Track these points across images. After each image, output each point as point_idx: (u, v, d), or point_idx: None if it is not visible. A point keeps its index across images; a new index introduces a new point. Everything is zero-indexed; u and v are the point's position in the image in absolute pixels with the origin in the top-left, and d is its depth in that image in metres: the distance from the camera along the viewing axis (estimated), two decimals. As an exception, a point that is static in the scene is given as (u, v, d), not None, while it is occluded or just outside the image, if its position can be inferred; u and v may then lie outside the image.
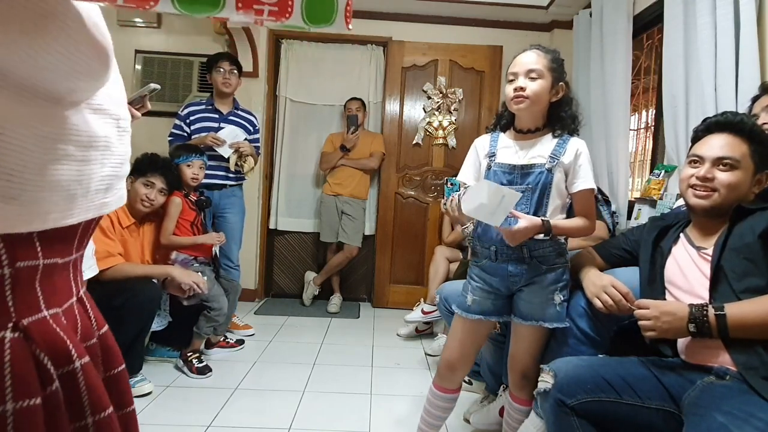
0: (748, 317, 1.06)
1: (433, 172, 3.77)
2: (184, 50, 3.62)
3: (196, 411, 1.99)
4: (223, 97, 2.93)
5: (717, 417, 0.98)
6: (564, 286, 1.40)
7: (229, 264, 2.99)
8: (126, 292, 2.03)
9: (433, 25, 3.68)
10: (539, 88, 1.36)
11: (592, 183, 1.38)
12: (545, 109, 1.42)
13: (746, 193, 1.20)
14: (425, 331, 3.12)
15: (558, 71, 1.40)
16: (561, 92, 1.40)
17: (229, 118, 2.92)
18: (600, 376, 1.18)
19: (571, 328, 1.45)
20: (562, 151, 1.38)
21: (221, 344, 2.69)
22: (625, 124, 2.66)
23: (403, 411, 2.10)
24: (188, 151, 2.51)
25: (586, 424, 1.16)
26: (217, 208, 2.94)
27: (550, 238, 1.35)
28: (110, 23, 3.79)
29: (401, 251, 3.78)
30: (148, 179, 2.23)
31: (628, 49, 2.65)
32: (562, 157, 1.37)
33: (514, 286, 1.41)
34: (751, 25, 1.76)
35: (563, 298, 1.40)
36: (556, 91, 1.40)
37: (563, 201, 1.41)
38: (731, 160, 1.19)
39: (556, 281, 1.38)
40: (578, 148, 1.39)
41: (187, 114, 2.90)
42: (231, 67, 2.88)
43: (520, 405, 1.51)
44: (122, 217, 2.20)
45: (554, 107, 1.42)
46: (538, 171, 1.37)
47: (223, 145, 2.80)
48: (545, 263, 1.38)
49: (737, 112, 1.33)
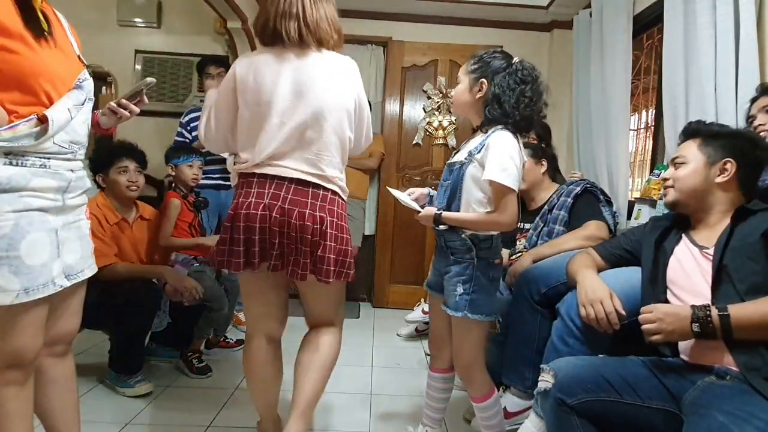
0: (752, 318, 1.06)
1: (433, 172, 3.77)
2: (184, 50, 3.62)
3: (196, 411, 1.99)
4: None
5: (718, 417, 0.98)
6: (466, 280, 1.43)
7: None
8: (126, 292, 2.03)
9: (433, 25, 3.68)
10: (456, 92, 1.51)
11: (496, 175, 1.34)
12: (477, 108, 1.47)
13: (706, 181, 1.28)
14: (425, 331, 3.11)
15: (478, 71, 1.45)
16: (483, 89, 1.43)
17: None
18: (600, 375, 1.18)
19: (570, 328, 1.46)
20: (480, 147, 1.41)
21: (221, 344, 2.69)
22: (625, 124, 2.66)
23: (403, 411, 2.10)
24: (188, 152, 2.52)
25: (586, 423, 1.16)
26: (223, 208, 2.99)
27: (447, 229, 1.43)
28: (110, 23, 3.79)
29: (401, 251, 3.78)
30: (119, 167, 2.17)
31: (628, 49, 2.65)
32: (477, 153, 1.41)
33: (442, 269, 1.51)
34: (751, 25, 1.76)
35: (463, 291, 1.43)
36: (478, 89, 1.44)
37: (485, 194, 1.41)
38: (680, 158, 1.33)
39: (459, 274, 1.44)
40: (491, 140, 1.39)
41: (187, 121, 2.98)
42: (218, 70, 2.87)
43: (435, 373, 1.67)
44: (108, 215, 2.16)
45: (483, 105, 1.44)
46: (456, 167, 1.46)
47: None
48: (454, 255, 1.46)
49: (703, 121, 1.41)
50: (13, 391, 1.16)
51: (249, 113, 1.46)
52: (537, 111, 1.42)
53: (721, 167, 1.27)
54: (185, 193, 2.49)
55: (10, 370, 1.15)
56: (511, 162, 1.35)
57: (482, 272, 1.44)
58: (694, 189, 1.29)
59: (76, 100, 1.19)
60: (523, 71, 1.41)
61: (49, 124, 1.11)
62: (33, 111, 1.10)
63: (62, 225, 1.19)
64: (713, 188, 1.28)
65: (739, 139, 1.30)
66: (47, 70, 1.13)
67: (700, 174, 1.29)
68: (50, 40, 1.15)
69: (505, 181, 1.34)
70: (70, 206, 1.22)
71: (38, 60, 1.10)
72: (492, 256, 1.46)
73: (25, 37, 1.08)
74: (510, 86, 1.39)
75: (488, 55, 1.46)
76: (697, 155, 1.30)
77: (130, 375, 2.10)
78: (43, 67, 1.11)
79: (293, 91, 1.43)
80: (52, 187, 1.15)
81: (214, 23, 3.56)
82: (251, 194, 1.44)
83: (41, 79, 1.11)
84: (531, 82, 1.40)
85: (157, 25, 3.63)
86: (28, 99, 1.10)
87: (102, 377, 2.18)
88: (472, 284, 1.43)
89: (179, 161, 2.47)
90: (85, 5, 3.55)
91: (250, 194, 1.45)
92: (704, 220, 1.31)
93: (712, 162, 1.28)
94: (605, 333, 1.37)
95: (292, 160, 1.44)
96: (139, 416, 1.93)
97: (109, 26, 3.62)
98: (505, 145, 1.38)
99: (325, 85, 1.45)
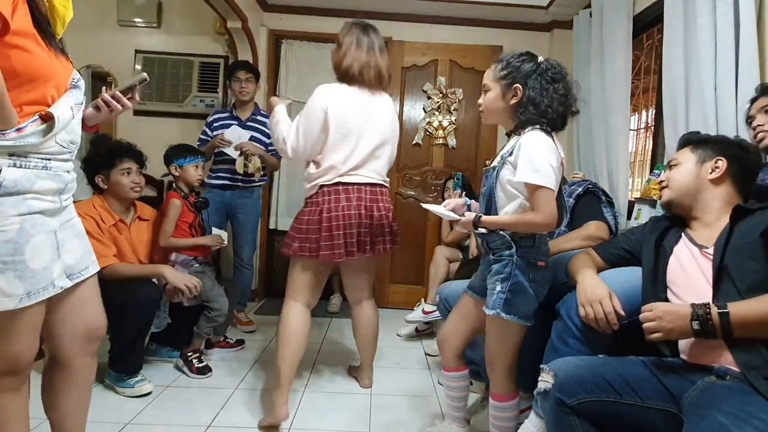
0: (752, 316, 1.06)
1: (433, 172, 3.77)
2: (184, 50, 3.62)
3: (196, 411, 1.99)
4: (242, 104, 3.06)
5: (717, 417, 0.98)
6: (505, 278, 1.42)
7: (240, 263, 3.11)
8: (126, 292, 2.03)
9: (433, 25, 3.68)
10: (487, 100, 1.50)
11: (528, 175, 1.34)
12: (510, 113, 1.46)
13: (698, 178, 1.33)
14: (425, 331, 3.12)
15: (509, 77, 1.44)
16: (518, 94, 1.43)
17: (248, 124, 3.03)
18: (600, 375, 1.18)
19: (570, 328, 1.46)
20: (512, 149, 1.41)
21: (221, 344, 2.69)
22: (625, 124, 2.66)
23: (403, 411, 2.10)
24: (193, 153, 2.52)
25: (586, 424, 1.15)
26: (230, 208, 3.05)
27: (488, 232, 1.44)
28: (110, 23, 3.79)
29: (401, 251, 3.76)
30: (122, 168, 2.17)
31: (628, 49, 2.65)
32: (509, 156, 1.41)
33: (485, 271, 1.53)
34: (751, 25, 1.76)
35: (500, 289, 1.43)
36: (512, 95, 1.44)
37: (521, 196, 1.40)
38: (674, 161, 1.41)
39: (499, 272, 1.44)
40: (522, 141, 1.38)
41: (212, 121, 3.06)
42: (247, 75, 2.99)
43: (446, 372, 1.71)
44: (105, 216, 2.16)
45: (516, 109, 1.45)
46: (490, 172, 1.47)
47: (230, 146, 2.91)
48: (494, 254, 1.47)
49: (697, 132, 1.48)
50: (8, 398, 1.16)
51: (335, 135, 1.92)
52: (569, 107, 1.43)
53: (712, 165, 1.31)
54: (186, 194, 2.49)
55: (6, 377, 1.15)
56: (543, 160, 1.34)
57: (522, 271, 1.42)
58: (686, 187, 1.34)
59: (77, 99, 1.19)
60: (553, 69, 1.41)
61: (55, 120, 1.11)
62: (36, 111, 1.10)
63: (59, 225, 1.19)
64: (706, 185, 1.31)
65: (729, 143, 1.35)
66: (54, 71, 1.12)
67: (692, 172, 1.34)
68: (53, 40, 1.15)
69: (538, 180, 1.33)
70: (63, 207, 1.22)
71: (48, 60, 1.10)
72: (534, 255, 1.43)
73: (36, 37, 1.08)
74: (543, 87, 1.39)
75: (516, 59, 1.44)
76: (689, 156, 1.36)
77: (130, 375, 2.10)
78: (51, 67, 1.11)
79: (367, 120, 1.97)
80: (52, 189, 1.15)
81: (214, 23, 3.56)
82: (341, 199, 1.95)
83: (50, 80, 1.11)
84: (561, 80, 1.41)
85: (157, 25, 3.63)
86: (35, 98, 1.10)
87: (102, 377, 2.18)
88: (509, 283, 1.42)
89: (185, 162, 2.46)
90: (85, 5, 3.55)
91: (339, 200, 1.95)
92: (701, 219, 1.33)
93: (703, 161, 1.34)
94: (604, 333, 1.37)
95: (366, 170, 2.01)
96: (139, 416, 1.93)
97: (109, 26, 3.62)
98: (537, 144, 1.36)
99: (386, 118, 2.04)
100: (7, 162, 1.05)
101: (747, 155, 1.32)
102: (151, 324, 2.18)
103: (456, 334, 1.66)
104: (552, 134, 1.41)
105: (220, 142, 2.89)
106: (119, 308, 2.01)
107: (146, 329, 2.20)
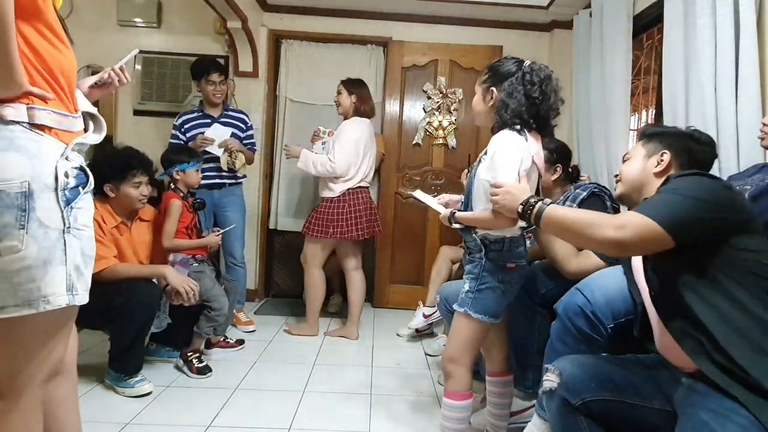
0: (557, 215, 1.20)
1: (433, 172, 3.77)
2: (184, 50, 3.62)
3: (196, 411, 1.99)
4: (213, 104, 3.04)
5: (701, 415, 0.99)
6: (474, 278, 1.50)
7: (233, 261, 3.08)
8: (126, 292, 2.03)
9: (433, 25, 3.68)
10: (473, 103, 1.59)
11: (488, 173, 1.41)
12: (490, 114, 1.52)
13: (644, 171, 1.35)
14: (425, 331, 3.12)
15: (488, 80, 1.51)
16: (493, 96, 1.49)
17: (220, 120, 3.01)
18: (605, 375, 1.18)
19: (569, 327, 1.46)
20: (487, 149, 1.49)
21: (221, 344, 2.69)
22: (625, 124, 2.66)
23: (403, 411, 2.10)
24: (195, 157, 2.53)
25: (592, 423, 1.15)
26: (218, 206, 3.02)
27: (462, 228, 1.52)
28: (110, 23, 3.78)
29: (401, 251, 3.78)
30: (134, 182, 2.20)
31: (628, 49, 2.65)
32: (484, 155, 1.48)
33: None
34: (751, 25, 1.76)
35: (468, 288, 1.50)
36: (490, 97, 1.50)
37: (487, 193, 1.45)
38: (627, 155, 1.43)
39: (470, 272, 1.52)
40: (491, 141, 1.47)
41: (181, 123, 3.02)
42: (220, 78, 2.98)
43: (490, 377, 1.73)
44: (107, 218, 2.17)
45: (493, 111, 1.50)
46: (472, 171, 1.54)
47: (213, 144, 2.91)
48: (470, 254, 1.54)
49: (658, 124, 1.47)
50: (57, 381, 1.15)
51: (360, 154, 2.88)
52: (546, 109, 1.44)
53: (658, 158, 1.33)
54: (185, 194, 2.49)
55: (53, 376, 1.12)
56: (506, 158, 1.39)
57: (489, 273, 1.48)
58: (633, 180, 1.37)
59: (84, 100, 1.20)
60: (531, 73, 1.42)
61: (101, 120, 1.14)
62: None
63: None
64: (650, 179, 1.33)
65: (679, 136, 1.36)
66: (73, 71, 1.12)
67: (639, 166, 1.36)
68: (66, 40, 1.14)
69: (496, 177, 1.38)
70: None
71: (71, 59, 1.09)
72: (503, 258, 1.48)
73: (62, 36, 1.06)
74: (516, 89, 1.42)
75: (497, 63, 1.51)
76: (640, 150, 1.38)
77: (130, 375, 2.10)
78: (70, 66, 1.11)
79: (370, 143, 2.96)
80: None
81: (214, 23, 3.56)
82: (359, 198, 2.92)
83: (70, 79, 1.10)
84: (538, 83, 1.41)
85: (157, 25, 3.63)
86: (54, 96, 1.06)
87: (102, 377, 2.18)
88: (478, 283, 1.48)
89: (188, 166, 2.47)
90: (85, 5, 3.55)
91: (359, 198, 2.92)
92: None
93: (650, 154, 1.35)
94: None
95: (368, 179, 3.02)
96: (139, 416, 1.93)
97: (109, 26, 3.62)
98: (501, 143, 1.42)
99: (373, 141, 3.03)
100: (82, 162, 1.06)
101: (698, 146, 1.33)
102: (151, 324, 2.18)
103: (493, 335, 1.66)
104: (525, 133, 1.44)
105: (204, 142, 2.86)
106: (119, 308, 2.02)
107: (146, 329, 2.20)
